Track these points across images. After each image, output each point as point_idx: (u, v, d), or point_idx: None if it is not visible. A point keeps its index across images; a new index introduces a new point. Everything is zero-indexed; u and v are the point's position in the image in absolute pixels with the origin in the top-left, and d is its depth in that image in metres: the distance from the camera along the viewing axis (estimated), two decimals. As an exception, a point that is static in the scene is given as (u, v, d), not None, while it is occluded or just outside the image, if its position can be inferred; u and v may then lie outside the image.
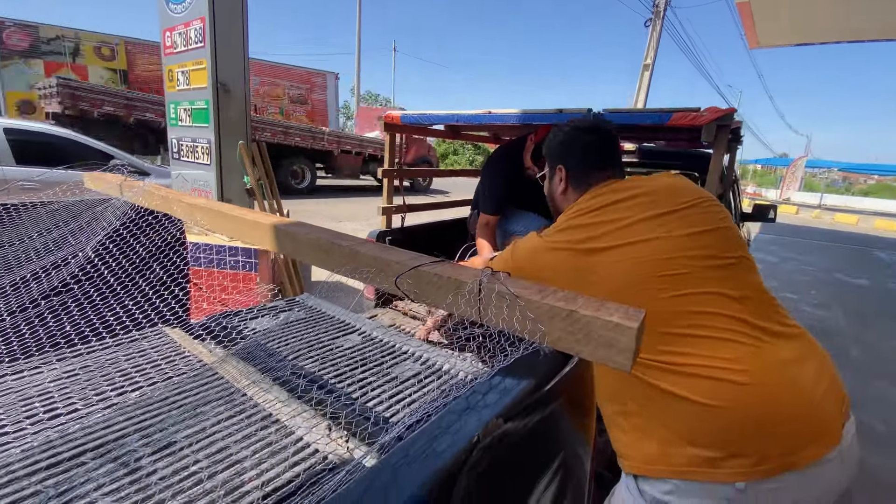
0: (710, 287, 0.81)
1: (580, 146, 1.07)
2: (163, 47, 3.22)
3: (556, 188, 1.11)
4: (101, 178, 1.26)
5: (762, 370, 0.76)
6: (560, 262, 0.90)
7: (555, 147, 1.12)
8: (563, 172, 1.08)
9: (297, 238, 0.71)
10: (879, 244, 10.14)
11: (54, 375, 0.75)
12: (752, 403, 0.74)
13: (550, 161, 1.13)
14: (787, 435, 0.75)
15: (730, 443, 0.74)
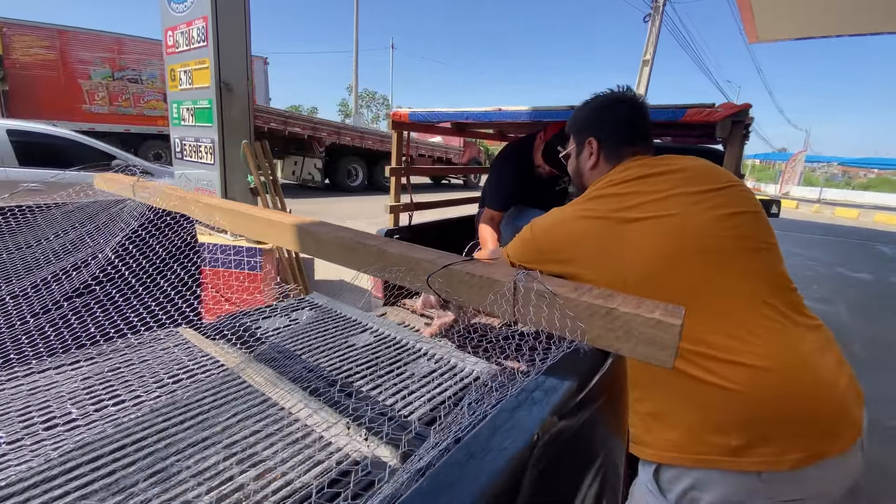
0: (740, 267, 0.81)
1: (613, 118, 1.03)
2: (165, 47, 3.22)
3: (585, 162, 1.06)
4: (113, 179, 1.26)
5: (787, 357, 0.76)
6: (588, 232, 0.87)
7: (586, 118, 1.07)
8: (595, 145, 1.03)
9: (320, 237, 0.70)
10: (881, 238, 10.12)
11: (82, 375, 0.75)
12: (774, 389, 0.73)
13: (580, 134, 1.08)
14: (812, 426, 0.74)
15: (752, 430, 0.73)
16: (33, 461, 0.60)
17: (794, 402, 0.74)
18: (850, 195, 24.99)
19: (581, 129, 1.08)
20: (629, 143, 1.01)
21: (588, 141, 1.04)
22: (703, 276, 0.79)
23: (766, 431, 0.73)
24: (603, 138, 1.02)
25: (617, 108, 1.04)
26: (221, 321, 1.25)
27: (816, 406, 0.75)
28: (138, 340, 0.97)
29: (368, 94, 28.92)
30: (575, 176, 1.13)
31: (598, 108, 1.06)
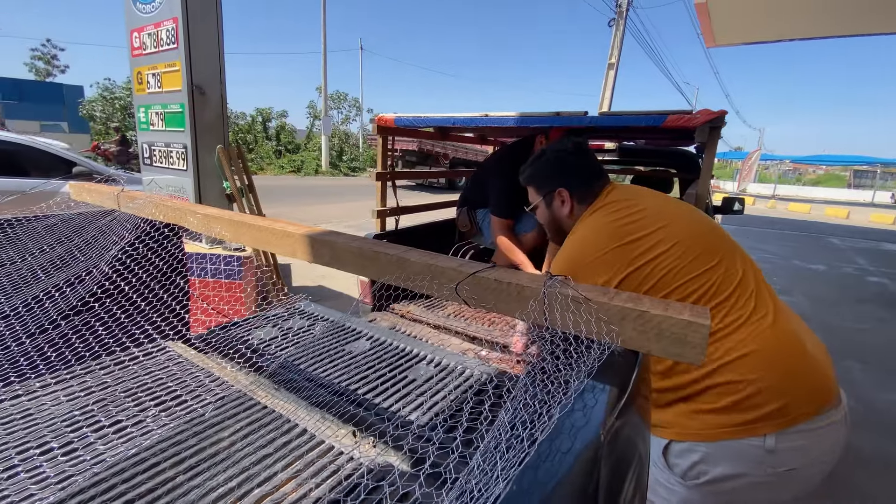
0: (736, 263, 0.93)
1: (574, 166, 1.13)
2: (130, 48, 3.09)
3: (560, 211, 1.15)
4: (95, 189, 1.20)
5: (778, 334, 0.86)
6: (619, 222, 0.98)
7: (548, 174, 1.16)
8: (566, 193, 1.12)
9: (335, 247, 0.70)
10: (832, 231, 10.82)
11: (74, 395, 0.72)
12: (775, 358, 0.83)
13: (544, 186, 1.16)
14: (805, 387, 0.84)
15: (757, 399, 0.81)
16: (35, 491, 0.58)
17: (791, 370, 0.84)
18: (802, 191, 26.50)
19: (544, 182, 1.16)
20: (596, 180, 1.12)
21: (558, 192, 1.13)
22: (710, 270, 0.90)
23: (768, 398, 0.81)
24: (571, 185, 1.11)
25: (569, 158, 1.14)
26: (211, 333, 1.21)
27: (808, 372, 0.85)
28: (128, 357, 0.94)
29: (339, 95, 28.50)
30: (550, 223, 1.20)
31: (554, 161, 1.16)
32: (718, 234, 0.98)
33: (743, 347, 0.83)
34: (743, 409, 0.82)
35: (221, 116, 2.96)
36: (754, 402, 0.82)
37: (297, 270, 4.49)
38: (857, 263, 7.15)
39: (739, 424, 0.82)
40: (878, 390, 2.88)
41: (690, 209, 1.04)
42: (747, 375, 0.82)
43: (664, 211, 0.99)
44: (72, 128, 15.05)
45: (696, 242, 0.92)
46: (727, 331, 0.85)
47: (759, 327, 0.86)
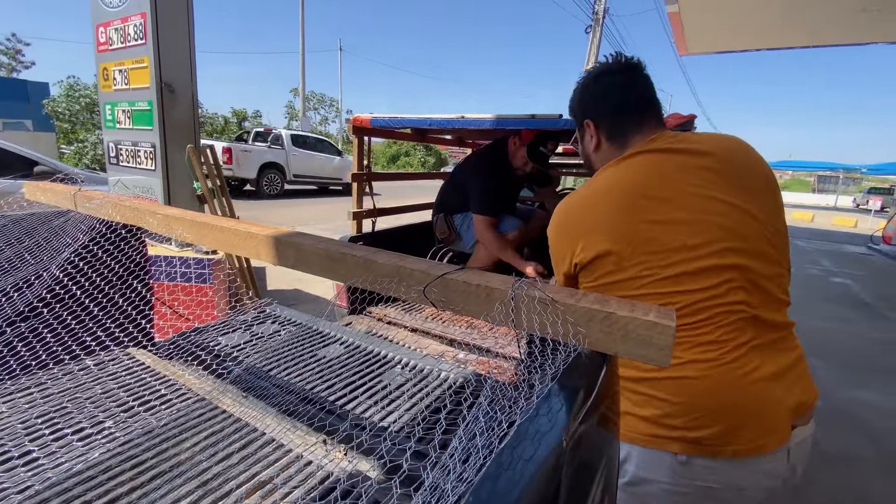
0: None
1: (604, 92, 0.94)
2: (96, 44, 2.97)
3: (588, 146, 0.99)
4: (50, 188, 1.14)
5: (737, 376, 0.77)
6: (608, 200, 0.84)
7: (578, 101, 1.00)
8: (592, 127, 0.96)
9: (301, 248, 0.68)
10: (797, 234, 11.25)
11: (33, 403, 0.68)
12: (713, 394, 0.76)
13: (576, 118, 1.01)
14: (736, 424, 0.75)
15: (677, 421, 0.76)
16: None
17: (727, 404, 0.76)
18: (769, 195, 27.44)
19: (576, 113, 1.01)
20: (627, 114, 0.92)
21: (585, 124, 0.97)
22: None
23: (699, 421, 0.75)
24: (597, 117, 0.95)
25: (602, 80, 0.95)
26: (176, 339, 1.17)
27: (744, 410, 0.76)
28: (84, 365, 0.89)
29: (316, 96, 28.19)
30: (584, 159, 1.05)
31: (585, 86, 0.98)
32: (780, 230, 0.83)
33: (680, 370, 0.76)
34: (663, 426, 0.77)
35: (192, 115, 2.87)
36: (674, 423, 0.76)
37: (272, 274, 4.39)
38: (822, 265, 7.45)
39: (657, 436, 0.78)
40: (840, 388, 2.99)
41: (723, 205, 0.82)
42: (674, 398, 0.76)
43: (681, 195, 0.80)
44: (36, 126, 14.45)
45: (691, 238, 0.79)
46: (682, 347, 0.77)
47: (718, 358, 0.76)
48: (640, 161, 0.85)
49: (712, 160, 0.82)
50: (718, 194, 0.79)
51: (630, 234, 0.79)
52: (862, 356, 3.63)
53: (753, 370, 0.77)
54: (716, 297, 0.77)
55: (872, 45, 5.59)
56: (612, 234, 0.80)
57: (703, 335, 0.77)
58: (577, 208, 0.88)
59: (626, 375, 0.80)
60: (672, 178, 0.81)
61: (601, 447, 0.42)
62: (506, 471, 0.29)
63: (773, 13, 4.76)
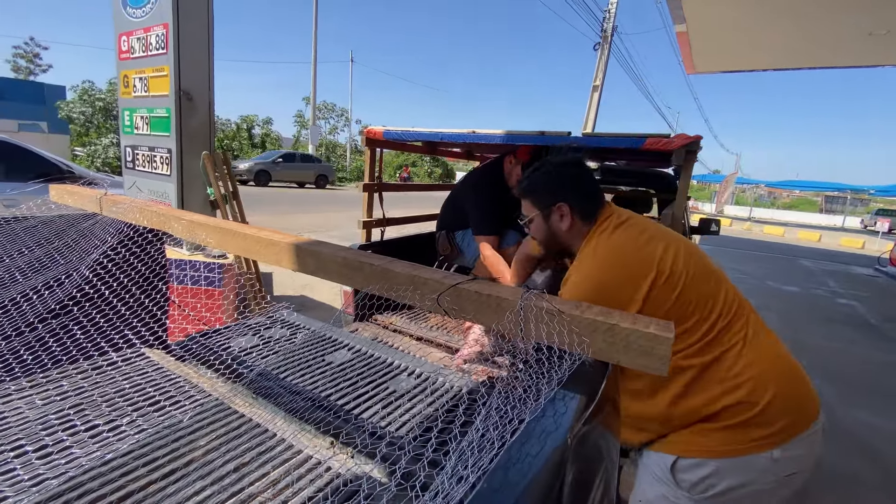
0: (730, 289, 0.98)
1: (576, 181, 1.08)
2: (117, 51, 3.07)
3: (559, 226, 1.08)
4: (77, 192, 1.19)
5: (775, 356, 0.94)
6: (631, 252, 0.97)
7: (548, 187, 1.09)
8: (567, 209, 1.05)
9: (321, 256, 0.72)
10: (804, 254, 11.20)
11: (50, 400, 0.71)
12: (779, 379, 0.91)
13: (544, 201, 1.09)
14: (802, 402, 0.92)
15: (766, 417, 0.87)
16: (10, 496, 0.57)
17: (787, 390, 0.91)
18: (777, 214, 27.42)
19: (543, 196, 1.09)
20: (597, 197, 1.08)
21: (558, 207, 1.06)
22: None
23: (774, 416, 0.88)
24: (573, 201, 1.06)
25: (579, 170, 1.10)
26: (190, 341, 1.20)
27: (800, 391, 0.93)
28: (106, 363, 0.92)
29: (327, 106, 28.55)
30: (548, 239, 1.13)
31: (560, 173, 1.09)
32: (709, 260, 1.01)
33: (750, 370, 0.89)
34: (752, 427, 0.88)
35: (208, 122, 2.95)
36: (763, 420, 0.87)
37: (278, 279, 4.44)
38: (828, 286, 7.41)
39: (749, 441, 0.88)
40: (846, 408, 2.97)
41: (683, 237, 1.06)
42: (757, 397, 0.87)
43: (668, 236, 1.00)
44: (51, 128, 14.71)
45: (699, 266, 0.95)
46: (734, 351, 0.90)
47: (759, 349, 0.92)
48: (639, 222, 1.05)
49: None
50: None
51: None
52: (867, 378, 3.61)
53: (781, 348, 0.96)
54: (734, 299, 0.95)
55: (881, 68, 5.63)
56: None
57: (742, 332, 0.92)
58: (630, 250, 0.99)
59: (703, 398, 0.90)
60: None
61: (603, 448, 0.45)
62: (515, 463, 0.32)
63: (780, 35, 4.83)
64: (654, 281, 0.90)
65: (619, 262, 0.95)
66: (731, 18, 4.45)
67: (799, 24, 4.36)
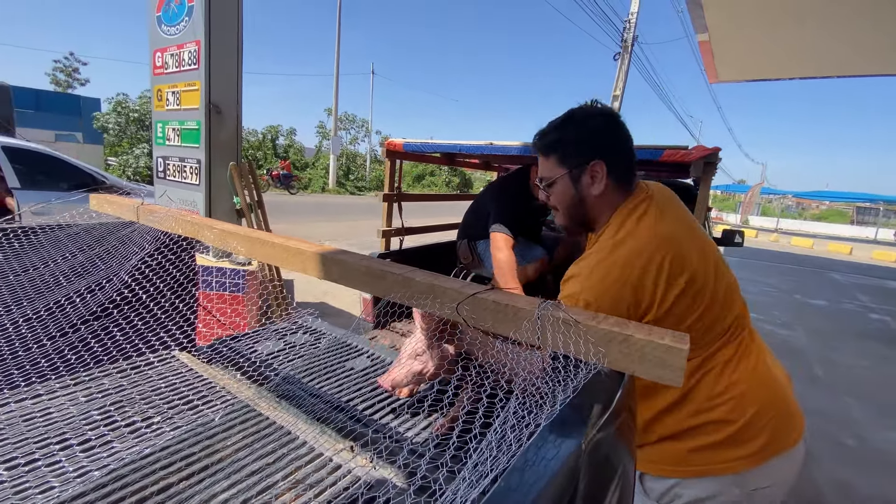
0: (736, 297, 0.92)
1: (616, 135, 0.90)
2: (152, 67, 3.22)
3: (589, 189, 0.90)
4: (115, 201, 1.26)
5: (764, 374, 0.89)
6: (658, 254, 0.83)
7: (582, 140, 0.90)
8: (603, 168, 0.87)
9: (345, 265, 0.75)
10: (834, 266, 10.83)
11: (92, 397, 0.76)
12: (762, 399, 0.86)
13: (574, 157, 0.90)
14: (786, 424, 0.87)
15: (742, 436, 0.84)
16: (56, 485, 0.61)
17: (767, 409, 0.86)
18: (805, 225, 26.60)
19: (575, 150, 0.90)
20: (633, 166, 0.92)
21: (592, 165, 0.88)
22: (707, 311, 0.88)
23: (752, 437, 0.84)
24: (611, 161, 0.88)
25: (619, 125, 0.91)
26: (217, 345, 1.25)
27: (781, 410, 0.88)
28: (143, 363, 0.97)
29: (348, 117, 29.10)
30: (571, 205, 0.94)
31: (597, 125, 0.90)
32: (725, 265, 0.92)
33: (735, 388, 0.84)
34: (726, 447, 0.84)
35: (236, 134, 3.06)
36: (738, 441, 0.83)
37: (299, 286, 4.53)
38: (859, 300, 7.14)
39: (722, 462, 0.84)
40: (878, 429, 2.86)
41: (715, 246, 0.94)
42: (737, 416, 0.83)
43: (696, 230, 0.90)
44: (86, 139, 15.40)
45: (718, 271, 0.88)
46: (728, 368, 0.86)
47: (748, 366, 0.87)
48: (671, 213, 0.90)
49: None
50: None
51: None
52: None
53: (770, 367, 0.90)
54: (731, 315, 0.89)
55: (912, 77, 5.47)
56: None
57: (732, 348, 0.88)
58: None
59: (681, 415, 0.87)
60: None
61: (618, 456, 0.47)
62: (532, 466, 0.34)
63: (806, 43, 4.74)
64: (684, 290, 0.80)
65: (641, 264, 0.80)
66: (754, 27, 4.40)
67: (826, 32, 4.28)
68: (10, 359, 0.80)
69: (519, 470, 0.34)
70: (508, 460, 0.36)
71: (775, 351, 1.00)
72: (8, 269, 0.92)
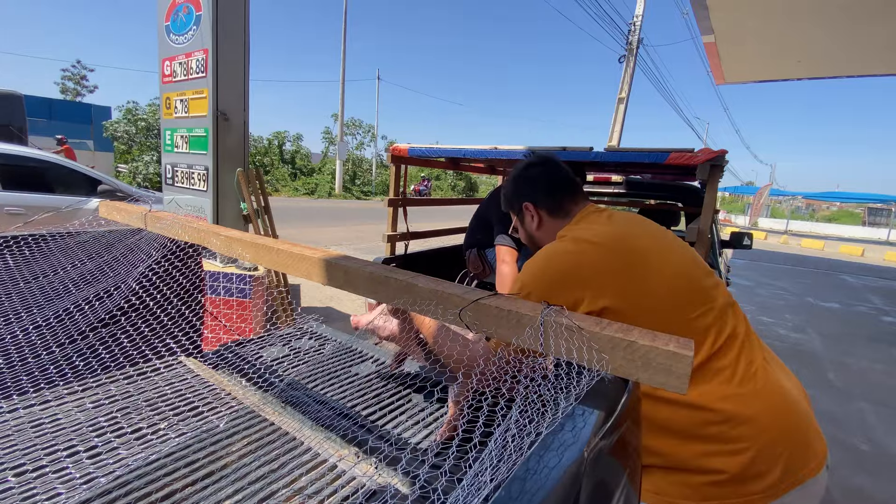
0: (727, 314, 0.88)
1: (535, 179, 1.09)
2: (161, 76, 3.26)
3: (531, 226, 1.11)
4: (122, 208, 1.28)
5: (775, 398, 0.82)
6: (593, 255, 0.88)
7: (513, 191, 1.13)
8: (532, 206, 1.08)
9: (349, 271, 0.75)
10: (846, 268, 10.67)
11: (98, 403, 0.77)
12: (774, 427, 0.80)
13: (514, 205, 1.13)
14: (794, 454, 0.80)
15: (755, 470, 0.77)
16: (63, 491, 0.61)
17: (782, 436, 0.80)
18: (816, 227, 26.27)
19: (512, 200, 1.13)
20: (564, 192, 1.06)
21: (524, 206, 1.09)
22: (698, 319, 0.84)
23: (766, 469, 0.78)
24: (536, 198, 1.08)
25: (537, 170, 1.11)
26: (222, 350, 1.26)
27: (798, 438, 0.82)
28: (150, 369, 0.98)
29: (354, 122, 29.30)
30: (528, 241, 1.16)
31: (516, 178, 1.13)
32: (714, 280, 0.92)
33: (744, 411, 0.79)
34: (745, 480, 0.78)
35: (243, 141, 3.09)
36: (757, 471, 0.78)
37: (306, 291, 4.55)
38: (872, 302, 7.03)
39: (729, 498, 0.78)
40: (891, 434, 2.80)
41: (689, 250, 0.97)
42: (749, 443, 0.78)
43: (661, 242, 0.92)
44: (97, 146, 15.64)
45: (691, 284, 0.87)
46: (721, 385, 0.81)
47: (756, 384, 0.82)
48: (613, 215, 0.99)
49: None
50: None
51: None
52: (917, 402, 3.40)
53: (783, 386, 0.84)
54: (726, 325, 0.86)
55: (923, 76, 5.40)
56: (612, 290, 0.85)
57: (732, 367, 0.82)
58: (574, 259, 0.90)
59: (688, 450, 0.81)
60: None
61: (621, 465, 0.46)
62: (534, 474, 0.34)
63: (812, 43, 4.71)
64: (624, 284, 0.84)
65: (567, 259, 0.89)
66: (760, 28, 4.38)
67: (831, 32, 4.25)
68: (19, 365, 0.81)
69: (520, 479, 0.34)
70: (510, 469, 0.35)
71: (787, 355, 0.95)
72: (19, 276, 0.94)
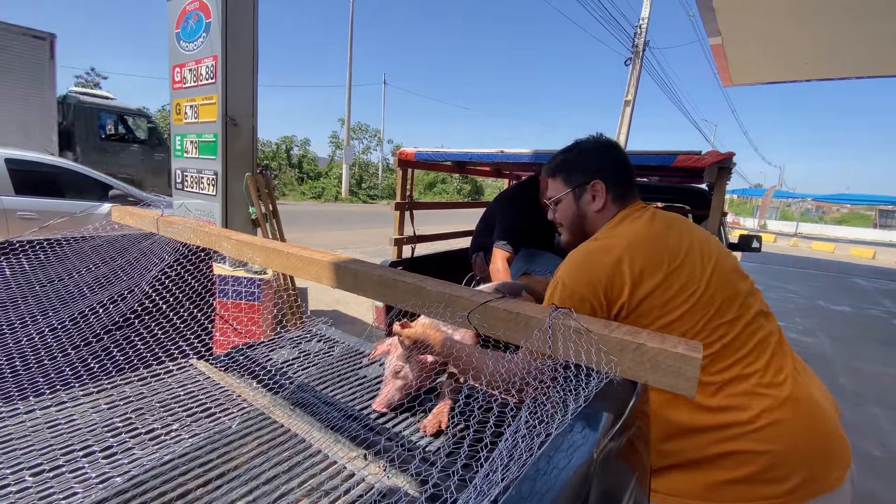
0: (760, 317, 0.88)
1: (616, 161, 1.03)
2: (171, 82, 3.31)
3: (590, 206, 1.02)
4: (135, 213, 1.30)
5: (803, 402, 0.81)
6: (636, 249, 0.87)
7: (584, 163, 1.03)
8: (602, 186, 1.00)
9: (358, 274, 0.76)
10: (857, 271, 10.52)
11: (113, 404, 0.78)
12: (800, 430, 0.79)
13: (576, 178, 1.03)
14: (820, 461, 0.79)
15: (777, 472, 0.77)
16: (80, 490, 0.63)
17: (807, 443, 0.79)
18: (826, 229, 25.96)
19: (577, 172, 1.04)
20: (631, 186, 1.03)
21: (593, 184, 1.01)
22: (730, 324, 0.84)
23: (791, 473, 0.77)
24: (609, 181, 1.00)
25: (617, 151, 1.05)
26: (233, 353, 1.27)
27: (823, 444, 0.81)
28: (163, 371, 1.00)
29: (361, 126, 29.45)
30: (573, 221, 1.06)
31: (597, 150, 1.05)
32: (750, 287, 0.91)
33: (768, 415, 0.78)
34: (762, 483, 0.77)
35: (252, 146, 3.12)
36: (775, 476, 0.77)
37: (313, 295, 4.57)
38: (884, 305, 6.93)
39: (747, 500, 0.78)
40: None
41: (731, 255, 0.95)
42: (770, 446, 0.77)
43: (704, 245, 0.91)
44: (111, 151, 15.82)
45: (728, 288, 0.86)
46: (747, 389, 0.80)
47: (783, 391, 0.80)
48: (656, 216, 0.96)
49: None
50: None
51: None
52: (931, 407, 3.34)
53: (811, 395, 0.83)
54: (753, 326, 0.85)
55: (935, 76, 5.34)
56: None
57: (761, 373, 0.82)
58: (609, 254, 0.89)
59: (705, 439, 0.80)
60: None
61: (631, 466, 0.46)
62: (543, 475, 0.34)
63: (820, 44, 4.67)
64: (659, 286, 0.83)
65: (624, 250, 0.87)
66: (767, 30, 4.36)
67: (837, 33, 4.21)
68: (36, 367, 0.83)
69: (530, 479, 0.34)
70: (520, 469, 0.36)
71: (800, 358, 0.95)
72: (35, 280, 0.96)
